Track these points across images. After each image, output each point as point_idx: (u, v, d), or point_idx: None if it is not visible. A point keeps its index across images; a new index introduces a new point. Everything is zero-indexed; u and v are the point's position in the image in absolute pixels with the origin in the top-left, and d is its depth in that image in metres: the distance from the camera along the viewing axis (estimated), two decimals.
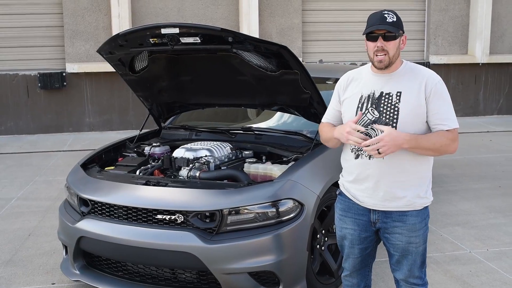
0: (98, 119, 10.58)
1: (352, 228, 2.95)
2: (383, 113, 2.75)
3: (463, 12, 11.79)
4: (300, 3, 11.08)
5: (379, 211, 2.85)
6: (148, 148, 4.50)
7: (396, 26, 2.74)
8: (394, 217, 2.83)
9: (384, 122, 2.74)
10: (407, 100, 2.74)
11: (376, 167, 2.78)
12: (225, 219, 3.41)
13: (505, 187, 6.63)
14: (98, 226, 3.66)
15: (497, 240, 4.95)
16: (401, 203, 2.80)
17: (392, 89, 2.78)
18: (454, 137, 2.76)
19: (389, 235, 2.87)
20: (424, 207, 2.87)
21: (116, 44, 4.14)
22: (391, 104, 2.75)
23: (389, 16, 2.76)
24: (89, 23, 10.32)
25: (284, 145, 4.30)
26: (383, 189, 2.80)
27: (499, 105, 12.20)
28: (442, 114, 2.75)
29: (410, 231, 2.83)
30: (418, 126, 2.76)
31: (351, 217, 2.95)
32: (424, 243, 2.89)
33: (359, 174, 2.85)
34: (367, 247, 2.98)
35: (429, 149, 2.73)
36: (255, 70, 4.05)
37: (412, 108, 2.73)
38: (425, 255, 2.93)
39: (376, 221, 2.88)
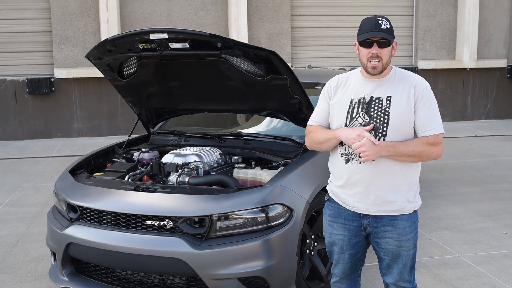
0: (87, 125, 10.53)
1: (342, 234, 2.95)
2: (374, 118, 2.77)
3: (451, 17, 11.88)
4: (289, 9, 11.12)
5: (370, 216, 2.86)
6: (137, 154, 4.49)
7: (390, 33, 2.77)
8: (385, 221, 2.84)
9: (375, 126, 2.76)
10: (397, 104, 2.76)
11: (366, 172, 2.79)
12: (214, 225, 3.41)
13: (493, 191, 6.67)
14: (86, 232, 3.64)
15: (485, 244, 4.98)
16: (392, 207, 2.82)
17: (382, 94, 2.80)
18: (436, 142, 2.77)
19: (380, 239, 2.88)
20: (413, 211, 2.89)
21: (105, 50, 4.14)
22: (381, 108, 2.77)
23: (383, 23, 2.77)
24: (77, 28, 10.29)
25: (273, 150, 4.30)
26: (374, 193, 2.81)
27: (487, 109, 12.29)
28: (427, 120, 2.77)
29: (400, 235, 2.84)
30: (408, 130, 2.79)
31: (341, 223, 2.95)
32: (414, 247, 2.91)
33: (349, 179, 2.85)
34: (357, 252, 2.99)
35: (408, 155, 2.75)
36: (244, 76, 4.06)
37: (402, 113, 2.76)
38: (414, 259, 2.94)
39: (366, 226, 2.89)
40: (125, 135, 5.27)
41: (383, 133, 2.76)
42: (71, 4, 10.22)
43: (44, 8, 10.32)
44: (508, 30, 12.13)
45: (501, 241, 5.05)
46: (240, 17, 10.61)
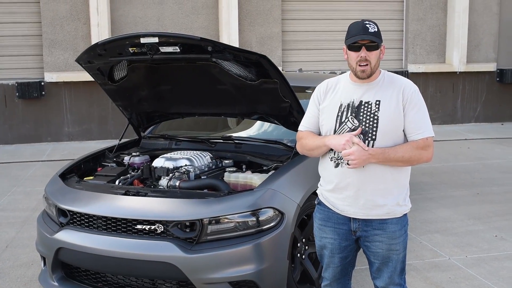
0: (77, 129, 10.50)
1: (332, 238, 2.96)
2: (363, 122, 2.78)
3: (441, 21, 11.95)
4: (280, 13, 11.14)
5: (360, 219, 2.86)
6: (127, 158, 4.47)
7: (378, 36, 2.78)
8: (375, 225, 2.85)
9: (364, 130, 2.76)
10: (386, 108, 2.77)
11: (356, 176, 2.79)
12: (205, 229, 3.40)
13: (483, 194, 6.70)
14: (77, 237, 3.62)
15: (475, 246, 5.00)
16: (382, 211, 2.82)
17: (371, 98, 2.80)
18: (426, 145, 2.79)
19: (370, 243, 2.89)
20: (403, 214, 2.90)
21: (95, 54, 4.12)
22: (370, 112, 2.78)
23: (371, 27, 2.79)
24: (67, 32, 10.26)
25: (264, 154, 4.30)
26: (364, 197, 2.81)
27: (477, 113, 12.36)
28: (416, 123, 2.78)
29: (390, 239, 2.85)
30: (397, 134, 2.80)
31: (331, 227, 2.95)
32: (404, 250, 2.92)
33: (339, 183, 2.86)
34: (347, 255, 2.99)
35: (398, 161, 2.75)
36: (235, 79, 4.06)
37: (391, 117, 2.76)
38: (404, 262, 2.95)
39: (356, 230, 2.89)
40: (116, 139, 5.27)
41: (372, 137, 2.76)
42: (61, 7, 10.19)
43: (34, 12, 10.28)
44: (497, 34, 12.22)
45: (491, 243, 5.07)
46: (231, 21, 10.62)
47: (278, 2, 11.09)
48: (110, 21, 10.27)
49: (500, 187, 7.05)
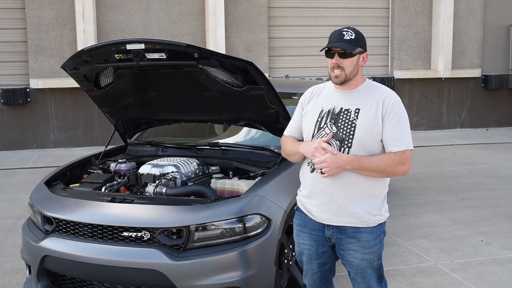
0: (63, 136, 10.44)
1: (309, 244, 2.96)
2: (341, 129, 2.79)
3: (426, 28, 12.05)
4: (266, 19, 11.17)
5: (334, 227, 2.86)
6: (113, 165, 4.45)
7: (354, 44, 2.78)
8: (348, 233, 2.84)
9: (341, 137, 2.78)
10: (365, 117, 2.77)
11: (329, 182, 2.80)
12: (192, 235, 3.39)
13: (469, 199, 6.75)
14: (62, 245, 3.59)
15: (461, 251, 5.03)
16: (355, 219, 2.81)
17: (351, 106, 2.82)
18: (403, 159, 2.75)
19: (344, 251, 2.89)
20: (378, 224, 2.87)
21: (81, 60, 4.11)
22: (348, 120, 2.79)
23: (348, 34, 2.79)
24: (53, 38, 10.22)
25: (251, 160, 4.30)
26: (336, 204, 2.81)
27: (462, 118, 12.46)
28: (394, 135, 2.75)
29: (364, 248, 2.84)
30: (374, 144, 2.78)
31: (308, 233, 2.96)
32: (379, 259, 2.90)
33: (313, 189, 2.88)
34: (325, 262, 2.99)
35: (373, 170, 2.73)
36: (221, 86, 4.06)
37: (369, 126, 2.76)
38: (381, 270, 2.94)
39: (331, 237, 2.89)
40: (102, 146, 5.24)
41: (348, 145, 2.77)
42: (47, 14, 10.14)
43: (20, 18, 10.22)
44: (482, 40, 12.34)
45: (477, 248, 5.10)
46: (217, 28, 10.63)
47: (265, 8, 11.13)
48: (96, 28, 10.24)
49: (486, 192, 7.10)
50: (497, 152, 9.87)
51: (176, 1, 10.74)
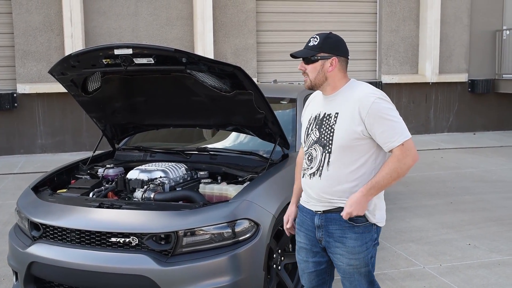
0: (51, 141, 10.38)
1: (304, 243, 3.01)
2: (322, 134, 2.82)
3: (413, 33, 12.13)
4: (255, 24, 11.20)
5: (323, 229, 2.88)
6: (101, 170, 4.43)
7: (316, 50, 2.80)
8: (336, 237, 2.86)
9: (323, 143, 2.80)
10: (342, 121, 2.77)
11: (315, 187, 2.86)
12: (180, 241, 3.38)
13: (456, 203, 6.79)
14: (50, 251, 3.56)
15: (449, 255, 5.05)
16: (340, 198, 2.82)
17: (332, 110, 2.83)
18: (404, 152, 2.71)
19: (332, 255, 2.91)
20: (364, 226, 2.84)
21: (68, 65, 4.08)
22: (329, 125, 2.81)
23: (313, 40, 2.84)
24: (41, 43, 10.17)
25: (240, 165, 4.30)
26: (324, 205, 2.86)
27: (449, 123, 12.54)
28: (385, 135, 2.72)
29: (350, 253, 2.84)
30: (356, 148, 2.76)
31: (304, 232, 3.00)
32: (367, 266, 2.88)
33: (305, 192, 2.96)
34: (320, 261, 3.00)
35: (389, 182, 2.73)
36: (210, 91, 4.05)
37: (346, 129, 2.75)
38: (370, 276, 2.92)
39: (321, 239, 2.92)
40: (90, 151, 5.22)
41: (328, 150, 2.79)
42: (34, 18, 10.10)
43: (7, 23, 10.17)
44: (468, 45, 12.44)
45: (464, 252, 5.13)
46: (205, 32, 10.64)
47: (253, 13, 11.15)
48: (84, 32, 10.21)
49: (473, 196, 7.14)
50: (484, 156, 9.94)
51: (164, 6, 10.74)
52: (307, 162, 2.90)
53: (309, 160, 2.88)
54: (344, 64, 2.87)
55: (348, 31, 11.59)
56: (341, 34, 2.99)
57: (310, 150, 2.88)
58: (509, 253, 5.07)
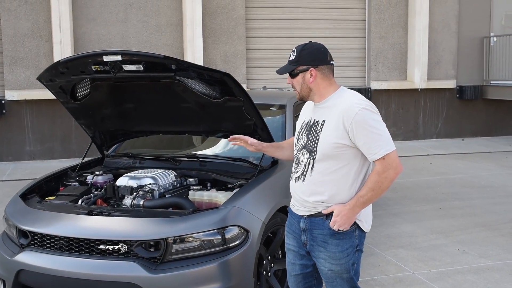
0: (39, 148, 10.32)
1: (293, 244, 3.04)
2: (309, 140, 2.86)
3: (402, 39, 12.20)
4: (244, 31, 11.21)
5: (307, 232, 2.90)
6: (90, 177, 4.41)
7: (294, 64, 2.85)
8: (319, 242, 2.88)
9: (309, 149, 2.84)
10: (327, 129, 2.80)
11: (299, 191, 2.90)
12: (170, 248, 3.37)
13: (445, 209, 6.81)
14: (38, 259, 3.54)
15: (438, 260, 5.07)
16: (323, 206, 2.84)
17: (320, 118, 2.87)
18: (385, 166, 2.72)
19: (316, 259, 2.94)
20: (345, 234, 2.84)
21: (57, 72, 4.07)
22: (315, 132, 2.84)
23: (292, 55, 2.88)
24: (29, 49, 10.13)
25: (229, 172, 4.30)
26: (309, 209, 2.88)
27: (438, 129, 12.61)
28: (369, 144, 2.72)
29: (331, 259, 2.86)
30: (339, 156, 2.78)
31: (292, 234, 3.04)
32: (348, 272, 2.88)
33: (292, 195, 3.00)
34: (307, 265, 3.02)
35: (373, 196, 2.77)
36: (199, 97, 4.06)
37: (329, 138, 2.77)
38: (353, 282, 2.93)
39: (305, 242, 2.94)
40: (79, 158, 5.19)
41: (313, 157, 2.82)
42: (22, 24, 10.06)
43: None
44: (456, 52, 12.53)
45: (453, 257, 5.15)
46: (195, 39, 10.64)
47: (242, 20, 11.17)
48: (73, 39, 10.18)
49: (462, 201, 7.18)
50: (473, 162, 10.00)
51: (154, 13, 10.73)
52: (294, 166, 2.96)
53: (296, 164, 2.94)
54: (327, 71, 2.86)
55: (337, 37, 11.64)
56: (330, 41, 3.02)
57: (298, 154, 2.93)
58: (498, 258, 5.10)
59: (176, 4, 10.82)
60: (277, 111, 5.05)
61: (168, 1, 10.80)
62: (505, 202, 7.12)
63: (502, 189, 7.89)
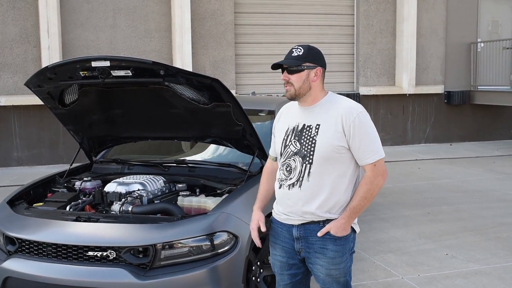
0: (27, 153, 10.26)
1: (280, 255, 3.00)
2: (303, 145, 2.83)
3: (390, 45, 12.27)
4: (233, 36, 11.23)
5: (303, 240, 2.88)
6: (78, 183, 4.39)
7: (301, 59, 2.83)
8: (316, 248, 2.87)
9: (303, 154, 2.81)
10: (324, 132, 2.79)
11: (295, 198, 2.85)
12: (158, 254, 3.36)
13: (434, 214, 6.84)
14: (26, 266, 3.52)
15: (427, 265, 5.09)
16: (315, 215, 2.85)
17: (312, 122, 2.85)
18: (375, 172, 2.80)
19: (312, 265, 2.92)
20: (345, 239, 2.87)
21: (45, 77, 4.05)
22: (310, 136, 2.82)
23: (296, 51, 2.86)
24: (17, 55, 10.08)
25: (218, 177, 4.29)
26: (302, 216, 2.86)
27: (426, 134, 12.68)
28: (365, 148, 2.78)
29: (330, 264, 2.86)
30: (338, 160, 2.80)
31: (280, 244, 2.99)
32: (345, 276, 2.91)
33: (282, 204, 2.93)
34: (296, 273, 3.01)
35: (366, 203, 2.82)
36: (188, 103, 4.05)
37: (328, 141, 2.77)
38: (348, 286, 2.96)
39: (300, 250, 2.92)
40: (67, 164, 5.16)
41: (309, 161, 2.80)
42: (10, 30, 10.01)
43: None
44: (444, 57, 12.62)
45: (442, 262, 5.17)
46: (184, 44, 10.64)
47: (231, 26, 11.19)
48: (61, 44, 10.14)
49: (450, 206, 7.21)
50: (461, 167, 10.06)
51: (143, 18, 10.72)
52: (285, 173, 2.88)
53: (287, 171, 2.87)
54: (323, 76, 2.91)
55: (326, 43, 11.69)
56: (319, 46, 3.02)
57: (288, 161, 2.87)
58: (485, 263, 5.13)
59: (164, 10, 10.82)
60: (266, 117, 5.06)
61: (157, 7, 10.80)
62: (492, 207, 7.16)
63: (490, 193, 7.95)
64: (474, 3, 12.75)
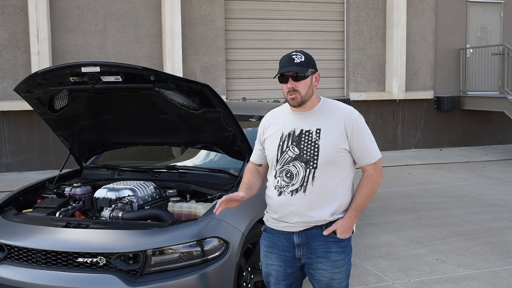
0: (17, 159, 10.20)
1: (277, 264, 2.96)
2: (304, 150, 2.81)
3: (380, 51, 12.33)
4: (223, 42, 11.24)
5: (304, 247, 2.87)
6: (68, 189, 4.37)
7: (305, 66, 2.82)
8: (319, 253, 2.86)
9: (305, 159, 2.80)
10: (327, 136, 2.81)
11: (298, 204, 2.82)
12: (149, 260, 3.35)
13: (424, 219, 6.87)
14: (14, 272, 3.49)
15: (418, 270, 5.10)
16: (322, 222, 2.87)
17: (311, 126, 2.85)
18: (377, 171, 2.92)
19: (314, 271, 2.90)
20: (348, 240, 2.91)
21: (35, 83, 4.04)
22: (311, 141, 2.82)
23: (297, 57, 2.84)
24: (6, 60, 10.03)
25: (209, 183, 4.29)
26: (306, 223, 2.85)
27: (416, 139, 12.73)
28: (367, 148, 2.88)
29: (333, 268, 2.87)
30: (341, 163, 2.84)
31: (276, 253, 2.96)
32: (347, 279, 2.94)
33: (283, 211, 2.88)
34: (292, 282, 3.00)
35: (368, 200, 2.91)
36: (178, 109, 4.05)
37: (332, 145, 2.80)
38: None
39: (301, 257, 2.90)
40: (57, 170, 5.14)
41: (313, 166, 2.80)
42: None
43: None
44: (434, 63, 12.70)
45: (432, 267, 5.18)
46: (174, 50, 10.64)
47: (222, 31, 11.20)
48: (51, 50, 10.11)
49: (440, 211, 7.24)
50: (451, 172, 10.11)
51: (133, 24, 10.71)
52: (285, 180, 2.84)
53: (288, 178, 2.83)
54: None
55: (316, 49, 11.72)
56: (309, 52, 3.02)
57: (287, 167, 2.84)
58: (475, 267, 5.15)
59: (155, 15, 10.82)
60: (256, 122, 5.06)
61: (148, 12, 10.79)
62: (482, 212, 7.20)
63: (479, 198, 7.99)
64: (463, 9, 12.85)
